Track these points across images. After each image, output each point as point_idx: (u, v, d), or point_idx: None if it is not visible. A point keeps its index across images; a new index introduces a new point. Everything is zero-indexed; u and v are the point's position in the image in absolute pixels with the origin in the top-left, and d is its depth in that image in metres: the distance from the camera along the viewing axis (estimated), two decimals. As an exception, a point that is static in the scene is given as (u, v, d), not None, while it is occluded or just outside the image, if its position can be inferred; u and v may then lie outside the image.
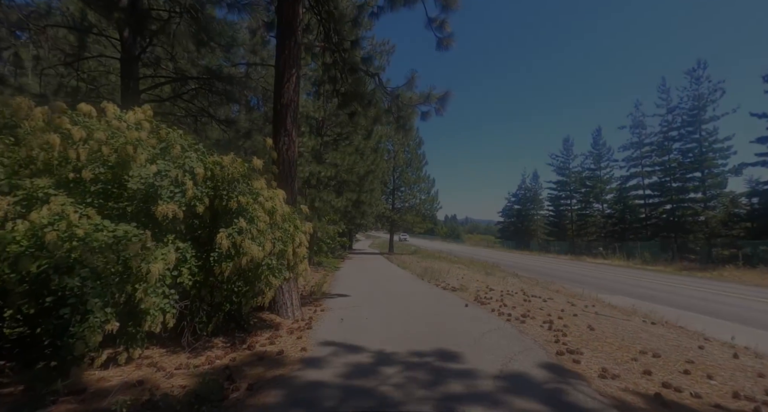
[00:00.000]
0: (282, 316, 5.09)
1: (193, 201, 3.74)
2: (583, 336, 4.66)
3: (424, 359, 3.59)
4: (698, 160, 24.62)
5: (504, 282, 11.33)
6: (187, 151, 3.96)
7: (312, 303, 6.59)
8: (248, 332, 4.36)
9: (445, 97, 7.04)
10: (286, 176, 5.42)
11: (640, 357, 3.87)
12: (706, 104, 24.19)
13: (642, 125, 30.24)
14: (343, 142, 15.27)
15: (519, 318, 5.53)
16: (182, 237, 3.87)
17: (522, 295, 8.46)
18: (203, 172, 3.78)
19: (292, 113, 5.48)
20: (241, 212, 3.77)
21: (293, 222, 4.37)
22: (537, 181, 48.73)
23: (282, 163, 5.41)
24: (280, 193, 4.26)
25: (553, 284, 11.74)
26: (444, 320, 5.42)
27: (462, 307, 6.53)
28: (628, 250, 25.67)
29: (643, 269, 20.11)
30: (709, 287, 12.68)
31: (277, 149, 5.39)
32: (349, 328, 4.82)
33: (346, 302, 6.90)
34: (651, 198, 29.31)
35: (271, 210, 4.03)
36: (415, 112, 6.88)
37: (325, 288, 9.06)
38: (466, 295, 8.11)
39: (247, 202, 3.78)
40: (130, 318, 3.32)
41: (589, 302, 8.32)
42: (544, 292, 9.52)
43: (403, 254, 25.78)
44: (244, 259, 3.60)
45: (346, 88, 6.71)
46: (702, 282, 14.34)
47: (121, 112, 3.89)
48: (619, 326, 5.46)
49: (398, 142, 26.91)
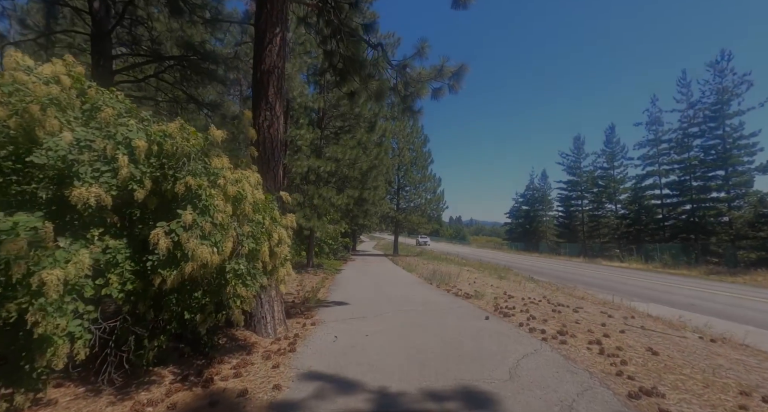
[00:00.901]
0: (260, 333, 4.06)
1: (130, 184, 2.73)
2: (649, 364, 3.56)
3: (444, 407, 2.53)
4: (722, 158, 23.15)
5: (521, 287, 10.21)
6: (124, 117, 2.95)
7: (303, 314, 5.56)
8: (210, 357, 3.33)
9: (461, 72, 5.98)
10: (268, 159, 4.40)
11: (746, 402, 2.77)
12: (730, 98, 22.73)
13: (659, 122, 28.81)
14: (344, 135, 14.25)
15: (556, 336, 4.43)
16: (116, 233, 2.86)
17: (547, 303, 7.36)
18: (145, 144, 2.77)
19: (276, 82, 4.46)
20: (190, 200, 2.75)
21: (270, 213, 3.34)
22: (546, 182, 47.25)
23: (263, 143, 4.39)
24: (251, 175, 3.24)
25: (574, 290, 10.57)
26: (463, 337, 4.34)
27: (482, 319, 5.45)
28: (646, 252, 24.29)
29: (666, 273, 18.79)
30: (748, 294, 11.42)
31: (256, 126, 4.38)
32: (343, 350, 3.78)
33: (344, 312, 5.86)
34: (669, 198, 27.80)
35: (236, 197, 3.01)
36: (425, 88, 5.84)
37: (322, 294, 8.03)
38: (483, 303, 7.03)
39: (200, 185, 2.76)
40: (23, 348, 2.32)
41: (624, 312, 7.18)
42: (569, 299, 8.39)
43: (408, 256, 24.69)
44: (189, 266, 2.58)
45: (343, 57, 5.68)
46: (738, 288, 13.05)
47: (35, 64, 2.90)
48: (684, 349, 4.34)
49: (403, 139, 25.89)
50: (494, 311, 6.15)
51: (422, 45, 5.85)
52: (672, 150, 27.21)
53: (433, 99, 6.28)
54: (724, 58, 23.42)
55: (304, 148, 12.76)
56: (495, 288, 9.67)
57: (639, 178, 30.54)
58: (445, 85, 6.04)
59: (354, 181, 14.16)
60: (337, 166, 13.08)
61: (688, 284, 13.66)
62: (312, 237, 14.21)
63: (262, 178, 4.29)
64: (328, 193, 12.71)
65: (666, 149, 27.89)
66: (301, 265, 14.70)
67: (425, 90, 5.90)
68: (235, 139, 4.72)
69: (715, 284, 14.57)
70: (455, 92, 6.06)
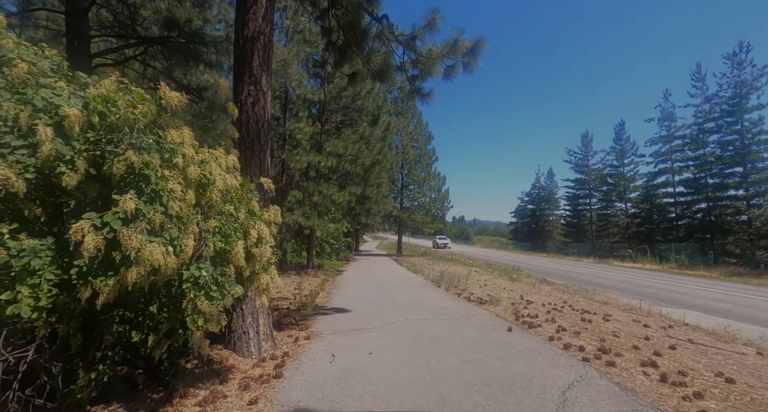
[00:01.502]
0: (240, 352, 3.34)
1: (57, 165, 2.03)
2: (731, 398, 2.80)
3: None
4: (740, 154, 22.14)
5: (537, 291, 9.43)
6: (49, 77, 2.25)
7: (297, 324, 4.84)
8: (172, 388, 2.62)
9: (477, 47, 5.23)
10: (252, 143, 3.68)
11: None
12: (749, 92, 21.73)
13: (672, 117, 27.79)
14: (346, 129, 13.53)
15: (599, 355, 3.67)
16: (39, 230, 2.16)
17: (571, 310, 6.60)
18: (79, 114, 2.06)
19: (262, 52, 3.74)
20: (134, 183, 2.04)
21: (246, 205, 2.62)
22: (552, 180, 46.22)
23: (246, 123, 3.67)
24: (222, 155, 2.52)
25: (594, 293, 9.78)
26: (487, 356, 3.60)
27: (503, 331, 4.70)
28: (659, 252, 23.34)
29: (684, 275, 17.88)
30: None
31: (238, 103, 3.66)
32: (342, 375, 3.05)
33: (344, 321, 5.14)
34: (683, 196, 26.76)
35: (200, 182, 2.29)
36: (436, 65, 5.10)
37: (321, 298, 7.32)
38: (500, 310, 6.28)
39: (147, 163, 2.04)
40: None
41: (658, 320, 6.40)
42: (592, 305, 7.62)
43: (412, 256, 23.93)
44: (133, 272, 1.87)
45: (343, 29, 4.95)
46: (767, 291, 12.18)
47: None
48: (756, 371, 3.56)
49: (407, 136, 25.14)
50: (515, 320, 5.40)
51: (433, 16, 5.10)
52: (686, 146, 26.21)
53: (444, 80, 5.54)
54: (742, 49, 22.44)
55: (303, 142, 12.07)
56: (509, 292, 8.91)
57: (651, 175, 29.56)
58: (458, 62, 5.28)
59: (356, 178, 13.44)
60: (338, 161, 12.37)
61: (712, 287, 12.79)
62: (312, 236, 13.51)
63: (244, 165, 3.58)
64: (329, 190, 12.01)
65: (680, 146, 26.89)
66: (300, 266, 14.01)
67: (436, 67, 5.16)
68: (206, 116, 4.01)
69: (741, 286, 13.68)
70: (471, 71, 5.31)
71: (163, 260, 1.97)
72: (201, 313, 2.07)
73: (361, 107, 13.48)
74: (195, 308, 2.06)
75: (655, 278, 15.66)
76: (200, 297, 2.09)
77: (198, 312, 2.07)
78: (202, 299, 2.09)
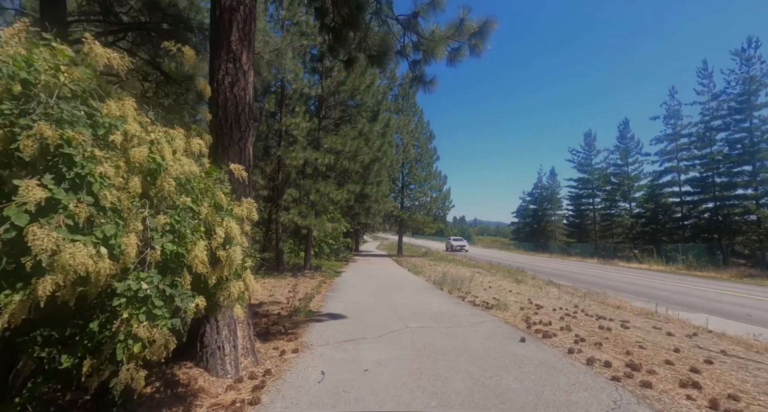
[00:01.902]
0: (213, 371, 2.86)
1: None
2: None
3: None
4: (749, 152, 21.60)
5: (544, 294, 8.95)
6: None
7: (286, 333, 4.36)
8: (121, 421, 2.15)
9: (486, 28, 4.74)
10: (231, 128, 3.20)
11: None
12: (758, 88, 21.20)
13: (678, 115, 27.24)
14: (344, 125, 13.06)
15: (630, 374, 3.18)
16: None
17: (585, 316, 6.12)
18: None
19: (242, 25, 3.27)
20: (52, 166, 1.56)
21: (212, 197, 2.15)
22: (555, 180, 45.71)
23: (223, 106, 3.20)
24: (179, 136, 2.04)
25: (605, 297, 9.29)
26: (498, 374, 3.12)
27: (516, 342, 4.21)
28: (666, 253, 22.81)
29: (693, 276, 17.36)
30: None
31: (214, 83, 3.19)
32: (331, 399, 2.57)
33: (338, 329, 4.65)
34: (689, 195, 26.21)
35: (145, 166, 1.82)
36: (440, 47, 4.63)
37: (316, 302, 6.84)
38: (509, 316, 5.79)
39: (70, 140, 1.57)
40: None
41: (678, 326, 5.92)
42: (605, 309, 7.13)
43: (413, 257, 23.45)
44: (48, 282, 1.40)
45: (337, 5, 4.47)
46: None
47: None
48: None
49: (408, 134, 24.64)
50: (527, 328, 4.91)
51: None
52: (693, 145, 25.68)
53: (449, 65, 5.05)
54: (751, 45, 21.91)
55: (300, 138, 11.59)
56: (516, 295, 8.42)
57: (656, 174, 29.02)
58: (465, 44, 4.80)
59: (355, 176, 12.96)
60: (336, 158, 11.90)
61: (725, 289, 12.28)
62: (309, 237, 13.03)
63: (221, 154, 3.10)
64: (327, 189, 11.53)
65: (686, 144, 26.35)
66: (298, 267, 13.54)
67: (440, 49, 4.68)
68: (174, 92, 3.53)
69: (756, 288, 13.15)
70: (478, 54, 4.83)
71: (93, 266, 1.49)
72: (137, 338, 1.59)
73: (360, 103, 13.00)
74: (130, 333, 1.58)
75: (664, 279, 15.15)
76: (139, 316, 1.61)
77: (134, 337, 1.59)
78: (142, 318, 1.61)
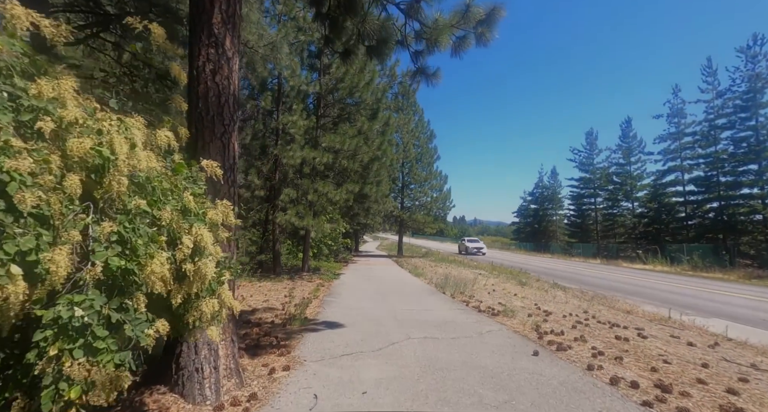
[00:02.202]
0: (189, 397, 2.50)
1: None
2: None
3: None
4: (755, 151, 21.24)
5: (551, 297, 8.60)
6: None
7: (277, 346, 4.00)
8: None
9: (493, 16, 4.39)
10: (213, 121, 2.85)
11: None
12: (764, 86, 20.87)
13: (682, 113, 26.88)
14: (343, 124, 12.70)
15: (663, 398, 2.82)
16: None
17: (597, 324, 5.76)
18: None
19: (225, 5, 2.91)
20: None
21: (179, 198, 1.79)
22: (556, 179, 45.32)
23: (204, 96, 2.85)
24: (137, 124, 1.69)
25: (614, 300, 8.94)
26: (513, 397, 2.77)
27: (528, 356, 3.86)
28: (670, 253, 22.46)
29: (699, 277, 17.01)
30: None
31: (192, 70, 2.84)
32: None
33: (335, 341, 4.30)
34: (693, 195, 25.85)
35: (89, 162, 1.47)
36: (444, 35, 4.28)
37: (313, 309, 6.49)
38: (517, 324, 5.44)
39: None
40: None
41: (696, 333, 5.58)
42: (616, 315, 6.78)
43: (413, 257, 23.11)
44: None
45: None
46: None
47: None
48: None
49: (408, 133, 24.28)
50: (539, 339, 4.56)
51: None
52: (697, 143, 25.32)
53: (453, 55, 4.68)
54: (756, 42, 21.56)
55: (297, 137, 11.23)
56: (522, 299, 8.07)
57: (659, 174, 28.66)
58: (470, 33, 4.44)
59: (354, 175, 12.62)
60: (334, 157, 11.55)
61: (734, 291, 11.91)
62: (308, 238, 12.68)
63: (201, 150, 2.74)
64: (325, 188, 11.18)
65: (690, 143, 26.00)
66: (296, 269, 13.19)
67: (444, 38, 4.32)
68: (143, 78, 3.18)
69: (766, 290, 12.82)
70: (485, 43, 4.47)
71: (10, 288, 1.14)
72: (69, 381, 1.23)
73: (360, 100, 12.66)
74: (60, 374, 1.23)
75: (671, 281, 14.80)
76: (74, 352, 1.25)
77: (66, 380, 1.23)
78: (77, 354, 1.26)
